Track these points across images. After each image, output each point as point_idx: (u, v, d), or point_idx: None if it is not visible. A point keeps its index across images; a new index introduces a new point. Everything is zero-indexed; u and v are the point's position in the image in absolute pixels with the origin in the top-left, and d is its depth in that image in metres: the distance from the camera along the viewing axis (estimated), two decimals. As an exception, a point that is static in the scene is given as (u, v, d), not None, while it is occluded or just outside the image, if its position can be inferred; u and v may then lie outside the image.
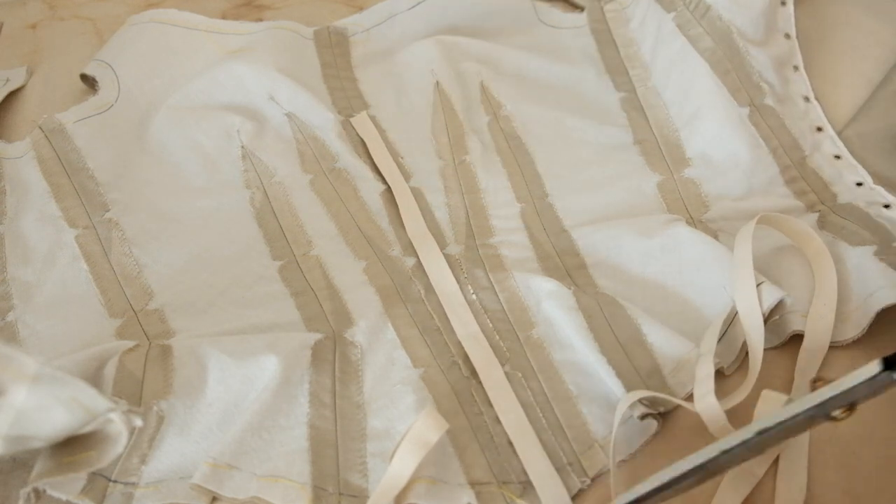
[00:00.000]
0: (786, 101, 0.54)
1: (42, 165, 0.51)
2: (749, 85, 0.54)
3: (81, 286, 0.46)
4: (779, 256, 0.46)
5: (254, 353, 0.41)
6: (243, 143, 0.53)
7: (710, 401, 0.38)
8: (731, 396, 0.41)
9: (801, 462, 0.38)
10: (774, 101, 0.54)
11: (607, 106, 0.57)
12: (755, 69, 0.54)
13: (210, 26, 0.59)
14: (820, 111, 0.54)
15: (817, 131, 0.53)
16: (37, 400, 0.33)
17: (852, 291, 0.44)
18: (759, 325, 0.42)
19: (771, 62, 0.55)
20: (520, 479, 0.39)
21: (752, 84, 0.54)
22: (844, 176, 0.51)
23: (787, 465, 0.38)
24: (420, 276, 0.47)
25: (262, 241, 0.49)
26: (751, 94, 0.54)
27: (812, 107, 0.54)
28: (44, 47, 0.62)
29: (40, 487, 0.36)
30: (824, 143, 0.53)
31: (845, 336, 0.43)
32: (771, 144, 0.52)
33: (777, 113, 0.53)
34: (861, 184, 0.50)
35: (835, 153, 0.52)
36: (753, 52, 0.54)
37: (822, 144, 0.53)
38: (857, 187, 0.50)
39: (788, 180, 0.51)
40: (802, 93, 0.55)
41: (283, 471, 0.38)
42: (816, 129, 0.53)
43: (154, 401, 0.39)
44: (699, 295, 0.45)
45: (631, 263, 0.47)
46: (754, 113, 0.53)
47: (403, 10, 0.62)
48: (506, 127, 0.54)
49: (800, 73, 0.55)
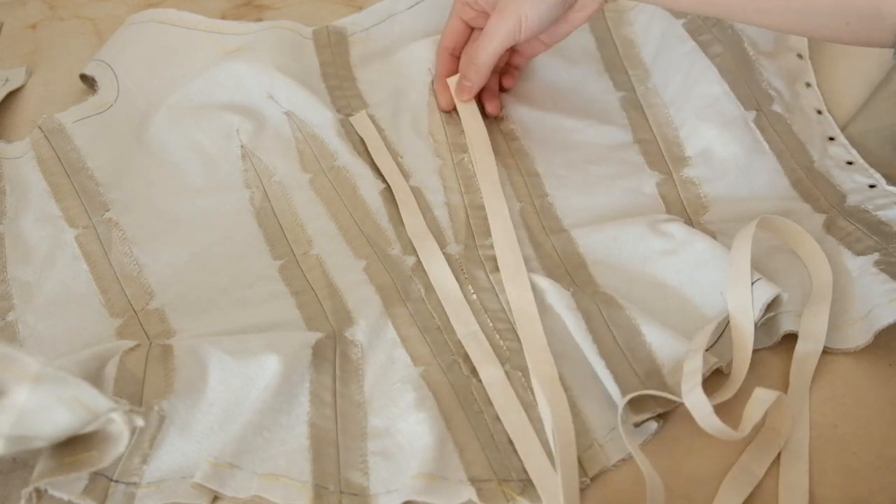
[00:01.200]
0: (795, 111, 0.54)
1: (42, 165, 0.51)
2: (758, 91, 0.54)
3: (81, 286, 0.46)
4: (774, 257, 0.46)
5: (254, 353, 0.41)
6: (243, 142, 0.53)
7: (698, 393, 0.38)
8: (718, 393, 0.41)
9: (802, 466, 0.39)
10: (783, 109, 0.54)
11: (607, 105, 0.57)
12: (764, 77, 0.55)
13: (209, 26, 0.59)
14: (832, 122, 0.54)
15: (829, 141, 0.53)
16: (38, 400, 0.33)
17: (855, 301, 0.44)
18: (750, 324, 0.42)
19: (781, 73, 0.55)
20: (520, 478, 0.39)
21: (760, 90, 0.54)
22: (856, 179, 0.51)
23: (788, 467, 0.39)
24: (420, 275, 0.47)
25: (262, 240, 0.49)
26: (759, 100, 0.54)
27: (825, 118, 0.54)
28: (44, 47, 0.62)
29: (42, 487, 0.36)
30: (836, 150, 0.53)
31: (848, 345, 0.43)
32: (776, 148, 0.52)
33: (785, 119, 0.53)
34: (874, 186, 0.50)
35: (847, 159, 0.52)
36: (763, 62, 0.55)
37: (834, 151, 0.53)
38: (870, 189, 0.50)
39: (794, 182, 0.51)
40: (815, 106, 0.55)
41: (284, 469, 0.38)
42: (828, 139, 0.53)
43: (155, 400, 0.39)
44: (698, 294, 0.45)
45: (630, 263, 0.47)
46: (761, 118, 0.53)
47: (403, 9, 0.62)
48: (504, 127, 0.54)
49: (812, 89, 0.56)
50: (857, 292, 0.44)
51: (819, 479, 0.38)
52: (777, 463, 0.39)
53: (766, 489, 0.38)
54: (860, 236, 0.46)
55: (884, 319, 0.42)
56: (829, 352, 0.43)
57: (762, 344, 0.43)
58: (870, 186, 0.50)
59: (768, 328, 0.44)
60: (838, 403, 0.41)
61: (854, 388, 0.42)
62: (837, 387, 0.42)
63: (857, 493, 0.38)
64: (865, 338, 0.42)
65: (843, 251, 0.46)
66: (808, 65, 0.57)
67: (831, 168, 0.52)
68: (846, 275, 0.45)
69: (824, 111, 0.55)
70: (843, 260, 0.46)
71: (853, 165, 0.52)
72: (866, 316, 0.43)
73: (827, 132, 0.54)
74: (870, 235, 0.46)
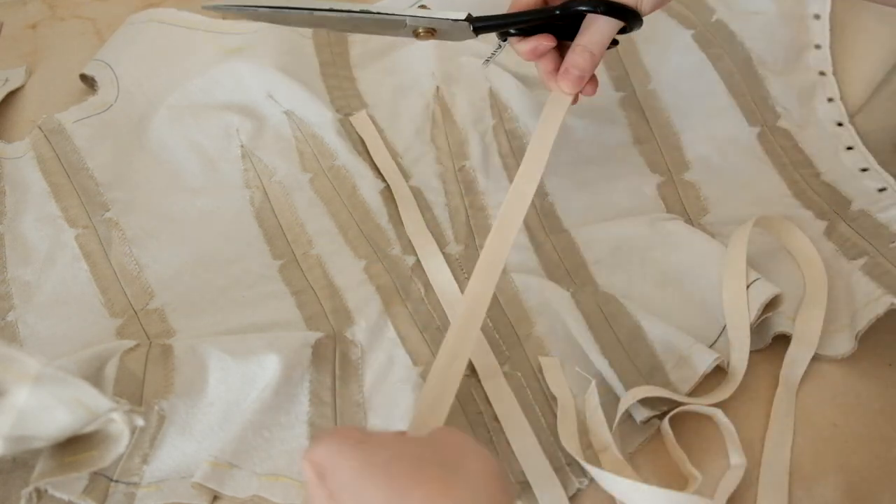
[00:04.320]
0: (808, 126, 0.54)
1: (42, 165, 0.51)
2: (764, 108, 0.54)
3: (81, 286, 0.46)
4: (769, 258, 0.46)
5: (254, 352, 0.41)
6: (243, 142, 0.53)
7: None
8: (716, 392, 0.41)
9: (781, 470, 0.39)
10: (790, 125, 0.54)
11: (607, 105, 0.57)
12: (771, 94, 0.55)
13: (209, 26, 0.59)
14: (853, 132, 0.54)
15: (847, 150, 0.53)
16: (39, 400, 0.33)
17: (843, 307, 0.44)
18: (746, 324, 0.42)
19: (793, 91, 0.55)
20: (518, 480, 0.39)
21: (766, 107, 0.54)
22: (865, 184, 0.51)
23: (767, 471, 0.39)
24: (420, 275, 0.47)
25: (262, 240, 0.49)
26: (764, 116, 0.54)
27: (845, 129, 0.54)
28: (44, 47, 0.62)
29: (42, 487, 0.36)
30: (852, 158, 0.53)
31: (836, 352, 0.43)
32: (779, 162, 0.52)
33: (791, 134, 0.54)
34: (884, 189, 0.50)
35: (862, 167, 0.52)
36: (772, 80, 0.55)
37: (849, 160, 0.52)
38: (878, 193, 0.50)
39: (797, 193, 0.51)
40: (835, 119, 0.55)
41: (284, 469, 0.39)
42: (847, 149, 0.53)
43: (155, 400, 0.39)
44: (699, 292, 0.45)
45: (631, 262, 0.47)
46: (765, 133, 0.53)
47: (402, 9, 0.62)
48: (509, 127, 0.54)
49: (835, 103, 0.56)
50: (845, 298, 0.44)
51: (819, 478, 0.38)
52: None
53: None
54: (857, 241, 0.47)
55: (861, 323, 0.42)
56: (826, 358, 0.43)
57: (754, 345, 0.43)
58: (879, 190, 0.50)
59: (760, 329, 0.44)
60: (838, 403, 0.41)
61: (854, 388, 0.42)
62: (837, 387, 0.42)
63: (858, 493, 0.38)
64: (851, 345, 0.42)
65: (840, 257, 0.46)
66: (830, 80, 0.57)
67: (841, 177, 0.51)
68: (839, 280, 0.45)
69: (846, 122, 0.54)
70: (839, 266, 0.46)
71: (867, 172, 0.51)
72: (851, 322, 0.43)
73: (846, 142, 0.54)
74: (865, 239, 0.46)
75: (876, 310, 0.42)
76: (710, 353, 0.41)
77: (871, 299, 0.43)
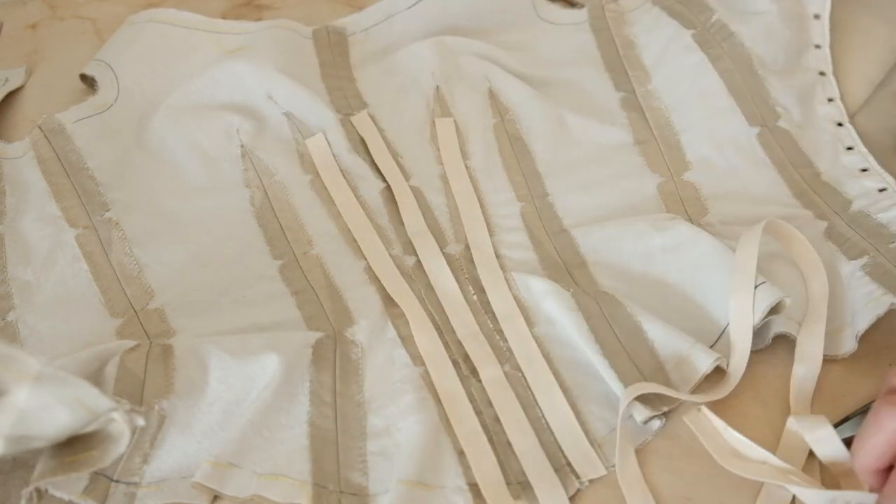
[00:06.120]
0: (808, 126, 0.54)
1: (42, 165, 0.51)
2: (764, 108, 0.54)
3: (82, 286, 0.46)
4: (772, 260, 0.46)
5: (255, 352, 0.41)
6: (243, 142, 0.53)
7: None
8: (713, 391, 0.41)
9: None
10: (790, 125, 0.54)
11: (607, 105, 0.57)
12: (771, 95, 0.55)
13: (209, 26, 0.59)
14: (854, 133, 0.54)
15: (847, 150, 0.53)
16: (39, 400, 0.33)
17: (844, 307, 0.44)
18: (749, 328, 0.42)
19: (793, 91, 0.55)
20: (518, 480, 0.39)
21: (767, 107, 0.54)
22: (865, 185, 0.50)
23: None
24: (420, 275, 0.47)
25: (263, 240, 0.49)
26: (764, 116, 0.54)
27: (846, 130, 0.54)
28: (44, 47, 0.62)
29: (42, 487, 0.36)
30: (851, 159, 0.52)
31: (836, 352, 0.43)
32: (779, 162, 0.52)
33: (791, 135, 0.53)
34: (884, 189, 0.50)
35: (862, 167, 0.52)
36: (772, 80, 0.55)
37: (849, 161, 0.52)
38: (879, 193, 0.50)
39: (797, 193, 0.51)
40: (836, 119, 0.55)
41: (284, 469, 0.39)
42: (846, 149, 0.53)
43: (155, 400, 0.39)
44: (700, 293, 0.45)
45: (632, 262, 0.47)
46: (765, 133, 0.53)
47: (402, 9, 0.62)
48: (510, 129, 0.54)
49: (835, 103, 0.55)
50: (846, 298, 0.44)
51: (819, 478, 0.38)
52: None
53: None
54: (857, 241, 0.46)
55: (862, 323, 0.42)
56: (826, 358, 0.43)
57: (755, 346, 0.43)
58: (879, 190, 0.50)
59: (760, 329, 0.43)
60: (839, 403, 0.41)
61: (854, 388, 0.42)
62: (838, 387, 0.42)
63: (857, 493, 0.38)
64: (851, 345, 0.42)
65: (840, 257, 0.46)
66: (830, 80, 0.57)
67: (841, 177, 0.51)
68: (840, 281, 0.45)
69: (846, 123, 0.54)
70: (839, 267, 0.46)
71: (867, 172, 0.51)
72: (852, 322, 0.43)
73: (846, 143, 0.54)
74: (865, 240, 0.46)
75: (876, 310, 0.42)
76: (710, 353, 0.41)
77: (872, 299, 0.43)
